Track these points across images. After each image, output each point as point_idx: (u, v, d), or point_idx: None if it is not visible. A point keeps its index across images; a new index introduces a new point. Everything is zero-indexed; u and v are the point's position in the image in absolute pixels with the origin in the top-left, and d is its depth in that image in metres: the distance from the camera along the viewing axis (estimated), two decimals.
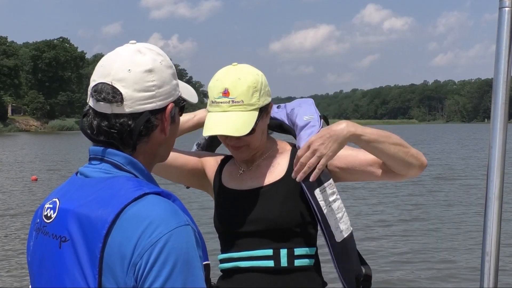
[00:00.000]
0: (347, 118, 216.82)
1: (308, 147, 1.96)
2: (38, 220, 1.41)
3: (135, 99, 1.36)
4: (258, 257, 2.03)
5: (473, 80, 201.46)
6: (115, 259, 1.24)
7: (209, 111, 2.05)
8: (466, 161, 27.55)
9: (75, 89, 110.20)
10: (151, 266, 1.22)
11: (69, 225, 1.30)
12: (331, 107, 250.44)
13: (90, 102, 1.40)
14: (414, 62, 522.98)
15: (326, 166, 2.02)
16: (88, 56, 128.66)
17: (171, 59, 1.44)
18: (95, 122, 1.39)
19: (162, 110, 1.40)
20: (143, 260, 1.22)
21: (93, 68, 1.45)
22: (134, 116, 1.37)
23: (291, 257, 2.03)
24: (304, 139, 2.07)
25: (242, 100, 1.99)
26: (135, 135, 1.37)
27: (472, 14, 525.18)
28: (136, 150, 1.40)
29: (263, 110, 2.05)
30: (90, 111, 1.40)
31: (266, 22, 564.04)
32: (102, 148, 1.40)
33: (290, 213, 2.04)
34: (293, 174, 2.00)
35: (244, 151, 2.10)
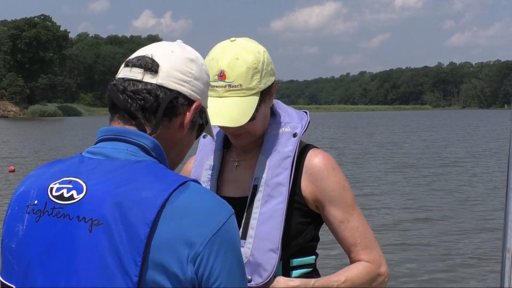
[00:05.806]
0: (354, 103, 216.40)
1: None
2: (35, 202, 1.38)
3: (171, 75, 1.45)
4: None
5: (492, 62, 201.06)
6: (166, 248, 1.26)
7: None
8: (483, 147, 27.55)
9: (57, 71, 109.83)
10: (214, 256, 1.29)
11: (104, 208, 1.29)
12: (337, 92, 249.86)
13: (121, 73, 1.46)
14: (428, 42, 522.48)
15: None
16: (72, 35, 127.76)
17: (162, 39, 1.52)
18: (121, 88, 1.43)
19: (189, 102, 1.47)
20: (205, 251, 1.28)
21: (78, 49, 1.49)
22: (163, 89, 1.43)
23: (287, 271, 1.97)
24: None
25: (240, 84, 1.91)
26: (161, 109, 1.42)
27: None
28: (157, 133, 1.43)
29: (265, 93, 1.97)
30: (119, 81, 1.45)
31: None
32: (124, 128, 1.42)
33: (292, 230, 1.97)
34: None
35: (244, 138, 2.01)
